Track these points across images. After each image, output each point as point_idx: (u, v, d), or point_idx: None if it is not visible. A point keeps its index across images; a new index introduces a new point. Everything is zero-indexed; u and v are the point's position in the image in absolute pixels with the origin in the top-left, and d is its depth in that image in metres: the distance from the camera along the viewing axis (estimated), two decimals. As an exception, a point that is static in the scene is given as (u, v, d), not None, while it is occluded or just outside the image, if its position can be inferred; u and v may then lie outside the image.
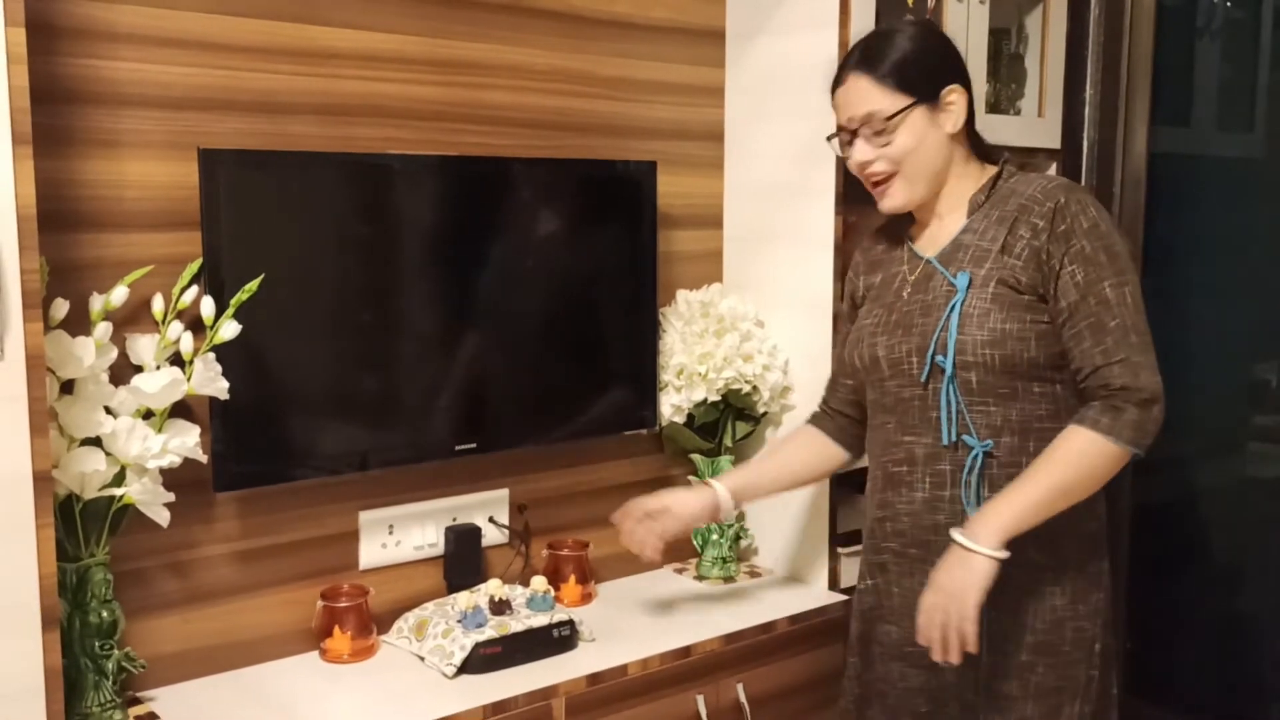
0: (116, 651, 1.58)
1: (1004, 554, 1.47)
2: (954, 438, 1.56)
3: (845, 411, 1.82)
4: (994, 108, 2.31)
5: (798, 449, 1.88)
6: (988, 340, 1.53)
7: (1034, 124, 2.37)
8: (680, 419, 2.17)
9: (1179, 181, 2.55)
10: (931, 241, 1.66)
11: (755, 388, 2.16)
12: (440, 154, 1.92)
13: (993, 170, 1.65)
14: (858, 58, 1.62)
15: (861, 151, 1.62)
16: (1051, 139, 2.40)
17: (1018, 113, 2.37)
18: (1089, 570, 1.60)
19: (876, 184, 1.64)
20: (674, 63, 2.22)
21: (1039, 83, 2.38)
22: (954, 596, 1.47)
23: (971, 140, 1.65)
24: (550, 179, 2.02)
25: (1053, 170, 2.45)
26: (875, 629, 1.69)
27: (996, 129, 2.20)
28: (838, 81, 1.65)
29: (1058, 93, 2.40)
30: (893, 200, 1.64)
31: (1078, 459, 1.49)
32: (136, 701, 1.67)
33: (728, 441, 2.22)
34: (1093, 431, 1.48)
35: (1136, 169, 2.52)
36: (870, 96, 1.59)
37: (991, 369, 1.53)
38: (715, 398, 2.15)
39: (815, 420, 1.88)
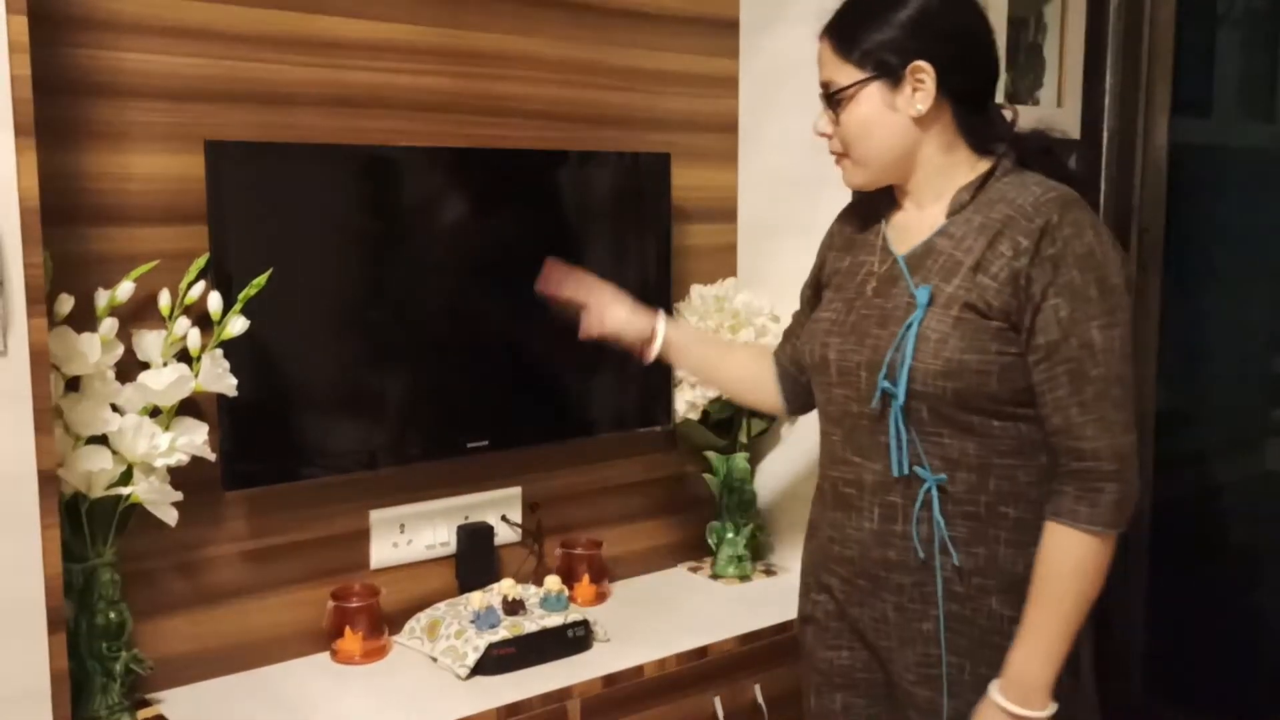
0: (124, 653, 1.57)
1: (1054, 709, 1.34)
2: (905, 470, 1.39)
3: (788, 368, 1.65)
4: (1013, 97, 2.27)
5: (747, 362, 1.73)
6: (941, 371, 1.34)
7: (1053, 114, 2.33)
8: (694, 416, 2.15)
9: (1200, 172, 2.53)
10: (905, 235, 1.47)
11: (771, 383, 2.13)
12: (450, 146, 1.90)
13: (987, 165, 1.43)
14: (831, 18, 1.45)
15: (819, 122, 1.48)
16: (1071, 129, 2.37)
17: (1036, 103, 2.34)
18: None
19: (835, 159, 1.49)
20: (687, 53, 2.20)
21: (1058, 72, 2.34)
22: None
23: (966, 128, 1.43)
24: (562, 171, 2.00)
25: (1070, 162, 2.41)
26: (816, 654, 1.56)
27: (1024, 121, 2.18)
28: (819, 36, 1.48)
29: (1077, 82, 2.37)
30: (847, 179, 1.48)
31: (1076, 570, 1.33)
32: (145, 704, 1.65)
33: (742, 438, 2.19)
34: (1075, 530, 1.32)
35: (1157, 159, 2.50)
36: (827, 63, 1.43)
37: (945, 401, 1.36)
38: (730, 394, 2.12)
39: (775, 356, 1.70)
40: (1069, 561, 1.33)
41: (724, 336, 1.95)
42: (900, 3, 1.39)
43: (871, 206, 1.54)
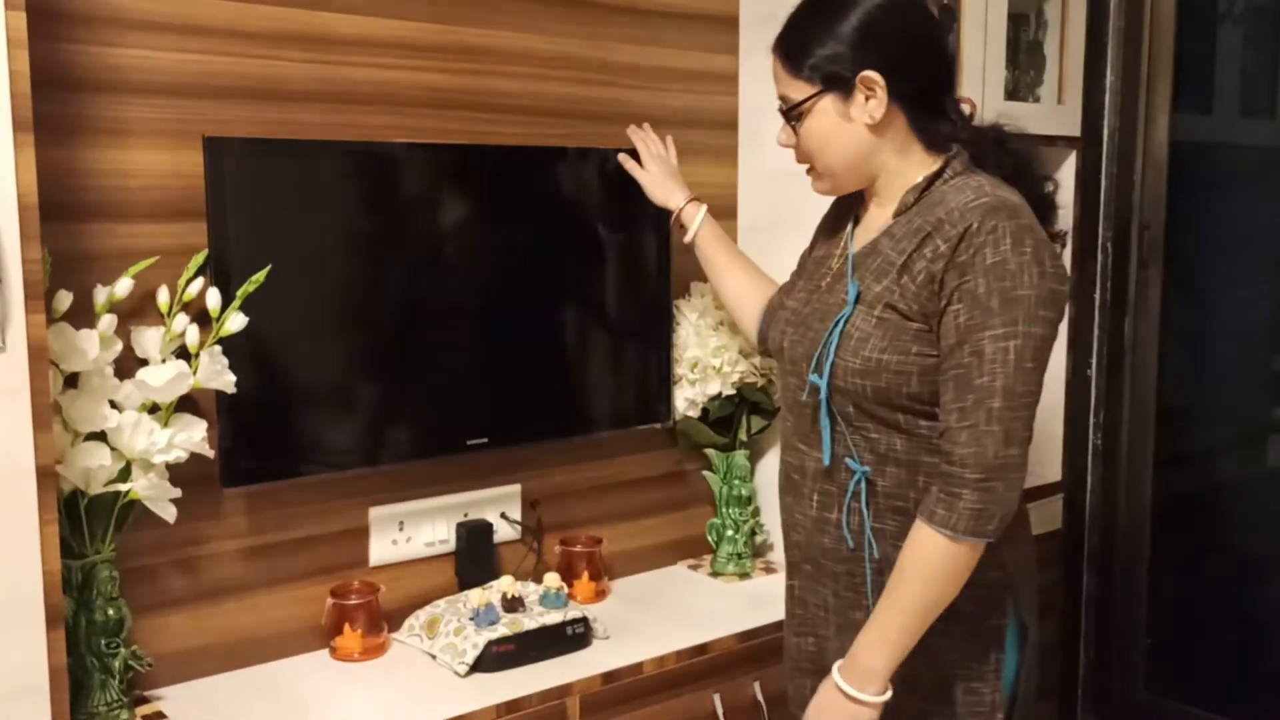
0: (123, 650, 1.56)
1: (888, 696, 1.37)
2: (830, 460, 1.43)
3: (768, 318, 1.68)
4: (1013, 95, 2.27)
5: (740, 291, 1.84)
6: (860, 369, 1.38)
7: (1053, 111, 2.33)
8: (694, 413, 2.14)
9: (1200, 169, 2.52)
10: (864, 232, 1.49)
11: (770, 381, 2.13)
12: (449, 143, 1.89)
13: (937, 166, 1.43)
14: (778, 33, 1.47)
15: (781, 136, 1.50)
16: (1071, 127, 2.37)
17: (1037, 100, 2.33)
18: (987, 625, 1.44)
19: (807, 171, 1.52)
20: (687, 49, 2.19)
21: (1058, 69, 2.34)
22: None
23: (919, 130, 1.43)
24: (562, 168, 1.99)
25: (1071, 159, 2.41)
26: (788, 641, 1.59)
27: (1015, 117, 2.16)
28: (771, 51, 1.50)
29: (1077, 80, 2.36)
30: (815, 188, 1.53)
31: (928, 569, 1.34)
32: (144, 700, 1.65)
33: (742, 436, 2.19)
34: (930, 528, 1.33)
35: (1158, 157, 2.49)
36: (779, 79, 1.46)
37: (865, 398, 1.39)
38: (730, 391, 2.12)
39: (768, 298, 1.74)
40: (920, 558, 1.35)
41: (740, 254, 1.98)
42: (843, 14, 1.40)
43: (851, 201, 1.56)
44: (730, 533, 2.17)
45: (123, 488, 1.52)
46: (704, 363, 2.10)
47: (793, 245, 2.15)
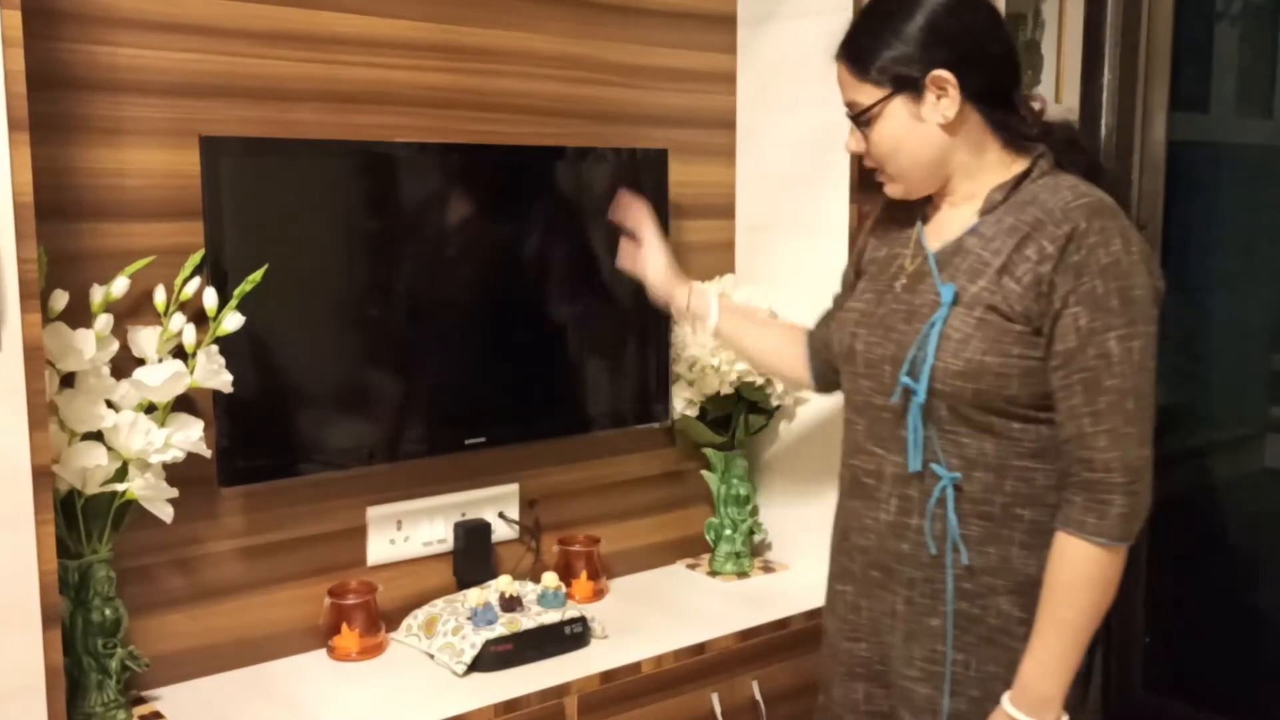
0: (120, 650, 1.55)
1: (1065, 719, 1.36)
2: (919, 466, 1.40)
3: (821, 351, 1.68)
4: (1010, 93, 2.26)
5: (779, 344, 1.76)
6: (961, 371, 1.35)
7: (1051, 110, 2.33)
8: (693, 412, 2.14)
9: (1198, 168, 2.52)
10: (939, 231, 1.47)
11: (769, 380, 2.13)
12: (447, 142, 1.89)
13: (1022, 166, 1.41)
14: (841, 40, 1.46)
15: (850, 142, 1.49)
16: (1069, 125, 2.36)
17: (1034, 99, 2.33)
18: None
19: (876, 175, 1.51)
20: (685, 48, 2.19)
21: (1056, 68, 2.34)
22: None
23: (997, 128, 1.41)
24: (560, 167, 1.99)
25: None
26: (838, 645, 1.57)
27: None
28: (836, 58, 1.49)
29: (1075, 78, 2.36)
30: (890, 192, 1.50)
31: (1088, 582, 1.33)
32: (141, 700, 1.64)
33: (741, 435, 2.18)
34: (1082, 540, 1.32)
35: (1155, 155, 2.49)
36: (847, 85, 1.44)
37: (964, 401, 1.36)
38: (728, 391, 2.11)
39: (809, 335, 1.73)
40: (1076, 572, 1.33)
41: (760, 312, 1.93)
42: (908, 15, 1.39)
43: (912, 200, 1.53)
44: (728, 532, 2.17)
45: (119, 488, 1.52)
46: (702, 362, 2.10)
47: (790, 244, 2.17)
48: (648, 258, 1.80)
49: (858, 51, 1.43)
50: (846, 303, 1.57)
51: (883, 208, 1.60)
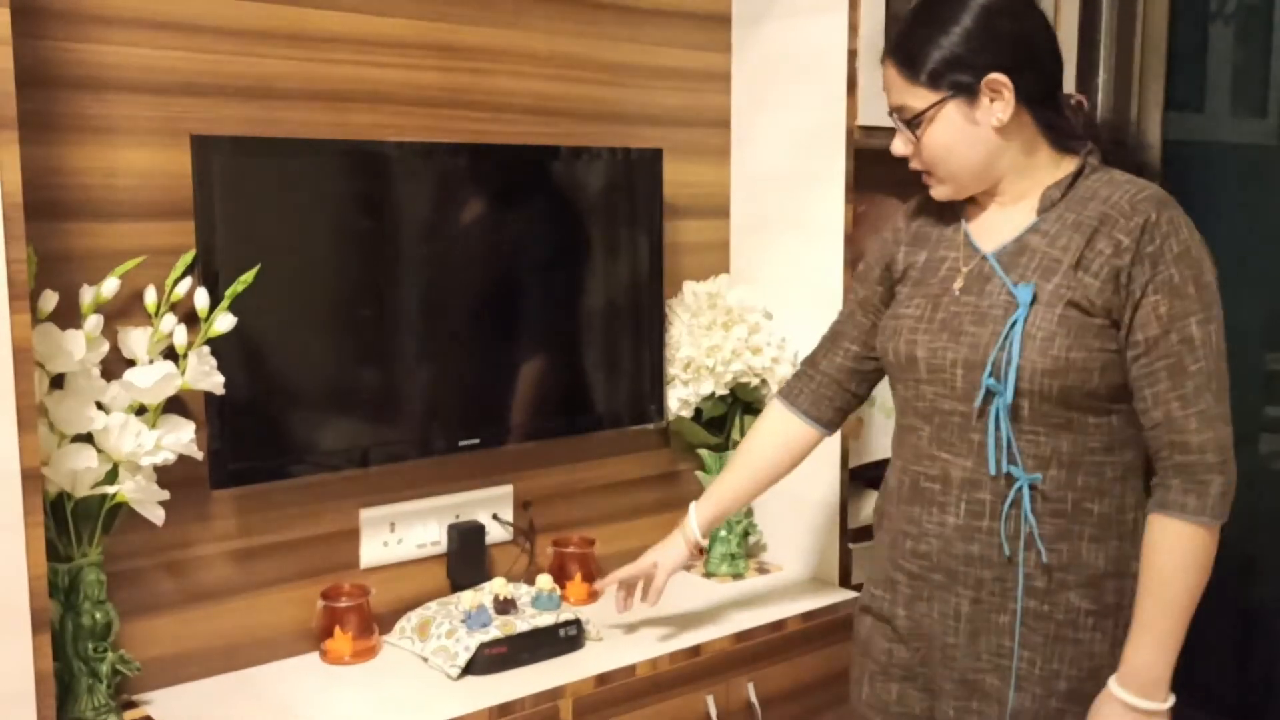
0: (110, 654, 1.54)
1: (1173, 700, 1.38)
2: (1002, 469, 1.40)
3: (837, 377, 1.65)
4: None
5: (768, 447, 1.72)
6: (1050, 369, 1.36)
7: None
8: (687, 413, 2.13)
9: (1192, 168, 2.52)
10: (990, 232, 1.46)
11: (764, 381, 2.12)
12: (440, 141, 1.88)
13: (1072, 164, 1.43)
14: (892, 43, 1.46)
15: (897, 145, 1.48)
16: (1064, 125, 2.36)
17: (1029, 98, 2.32)
18: (1129, 616, 1.43)
19: (921, 176, 1.50)
20: (679, 48, 2.18)
21: (1051, 67, 2.33)
22: None
23: (1047, 129, 1.43)
24: (553, 167, 1.98)
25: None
26: (874, 644, 1.57)
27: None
28: (882, 60, 1.48)
29: (1070, 77, 2.35)
30: (935, 194, 1.49)
31: (1192, 562, 1.35)
32: (132, 705, 1.63)
33: (735, 436, 2.17)
34: (1184, 523, 1.34)
35: (1150, 156, 2.48)
36: (898, 89, 1.44)
37: (1048, 399, 1.37)
38: (723, 391, 2.11)
39: (788, 395, 1.70)
40: (1179, 554, 1.35)
41: (732, 459, 1.80)
42: (960, 18, 1.39)
43: (946, 203, 1.53)
44: (723, 533, 2.16)
45: (110, 490, 1.50)
46: (697, 362, 2.09)
47: (785, 244, 2.16)
48: (658, 580, 1.78)
49: (909, 55, 1.42)
50: (895, 310, 1.53)
51: (905, 217, 1.60)
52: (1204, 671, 2.57)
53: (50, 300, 1.50)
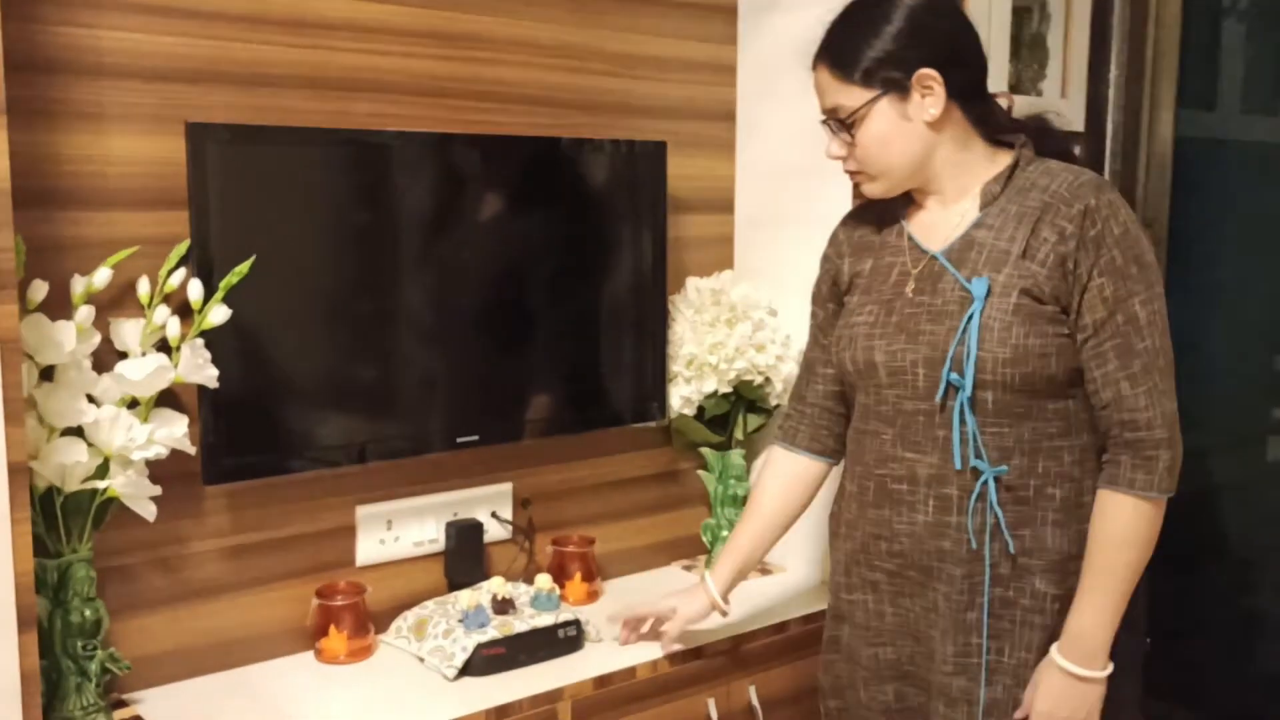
0: (100, 652, 1.52)
1: (1110, 668, 1.43)
2: (968, 463, 1.43)
3: (826, 405, 1.66)
4: (1015, 88, 2.24)
5: (775, 491, 1.71)
6: (1010, 358, 1.39)
7: (1056, 105, 2.30)
8: (690, 411, 2.11)
9: (1203, 165, 2.50)
10: (935, 232, 1.50)
11: (768, 379, 2.09)
12: (440, 132, 1.85)
13: (1007, 157, 1.47)
14: (821, 45, 1.48)
15: (831, 147, 1.51)
16: (1074, 121, 2.34)
17: (1039, 94, 2.30)
18: None
19: (851, 176, 1.54)
20: (684, 39, 2.15)
21: (1062, 63, 2.32)
22: None
23: (979, 122, 1.47)
24: (555, 159, 1.95)
25: (1075, 153, 2.38)
26: (860, 650, 1.58)
27: (1018, 111, 2.14)
28: (813, 66, 1.50)
29: (1081, 73, 2.34)
30: (867, 192, 1.52)
31: (1137, 537, 1.39)
32: (121, 704, 1.60)
33: (738, 434, 2.15)
34: (1131, 496, 1.38)
35: (1162, 152, 2.46)
36: (831, 91, 1.46)
37: (1010, 388, 1.41)
38: (726, 389, 2.08)
39: (786, 437, 1.70)
40: (1126, 527, 1.40)
41: (744, 514, 1.77)
42: (888, 17, 1.43)
43: (883, 208, 1.57)
44: (725, 533, 2.13)
45: (100, 485, 1.48)
46: (700, 359, 2.06)
47: (790, 239, 2.13)
48: (677, 627, 1.74)
49: (840, 55, 1.45)
50: (847, 320, 1.56)
51: (843, 228, 1.64)
52: (1211, 678, 2.56)
53: (40, 290, 1.47)
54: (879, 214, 1.58)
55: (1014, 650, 1.45)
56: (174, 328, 1.55)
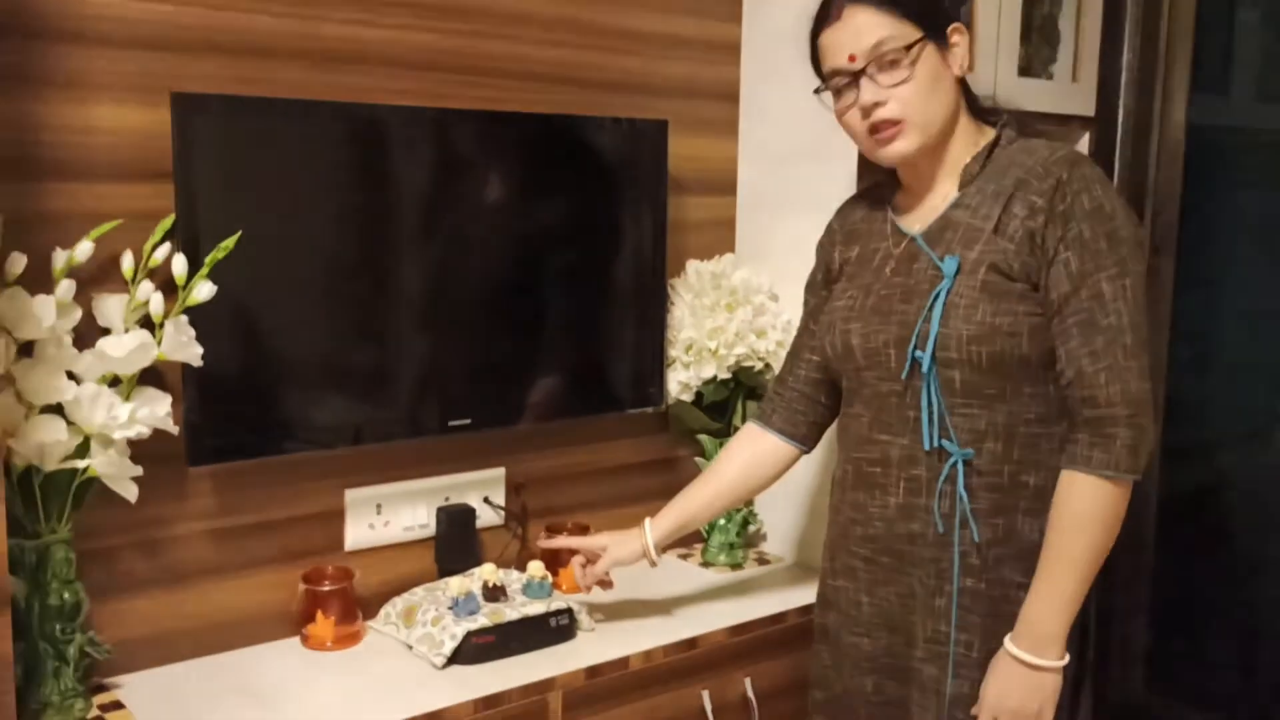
0: (79, 636, 1.49)
1: (1068, 659, 1.38)
2: (936, 443, 1.41)
3: (805, 391, 1.65)
4: (1026, 71, 2.19)
5: (738, 462, 1.71)
6: (974, 335, 1.37)
7: (1067, 89, 2.26)
8: (688, 397, 2.08)
9: (1217, 154, 2.46)
10: (915, 215, 1.49)
11: (768, 365, 2.06)
12: (435, 106, 1.81)
13: (990, 135, 1.46)
14: None
15: (870, 92, 1.39)
16: (1085, 106, 2.30)
17: (1050, 77, 2.26)
18: None
19: (879, 131, 1.42)
20: (687, 16, 2.11)
21: (1073, 46, 2.27)
22: (1033, 718, 1.38)
23: (967, 95, 1.48)
24: (553, 137, 1.91)
25: (1085, 140, 2.34)
26: (843, 637, 1.58)
27: (1028, 94, 2.10)
28: (828, 19, 1.43)
29: (1093, 57, 2.30)
30: (899, 147, 1.42)
31: (1095, 518, 1.35)
32: (101, 689, 1.57)
33: (737, 422, 2.11)
34: (1089, 475, 1.34)
35: (1174, 140, 2.42)
36: (878, 25, 1.38)
37: (978, 367, 1.38)
38: (725, 375, 2.05)
39: (762, 415, 1.70)
40: (1083, 509, 1.35)
41: (705, 470, 1.80)
42: None
43: (872, 197, 1.58)
44: (722, 522, 2.10)
45: (80, 464, 1.45)
46: (699, 344, 2.03)
47: (793, 222, 2.09)
48: (603, 565, 1.74)
49: None
50: (829, 305, 1.56)
51: (836, 219, 1.64)
52: (1214, 670, 2.54)
53: (18, 263, 1.43)
54: (868, 203, 1.59)
55: (984, 643, 1.43)
56: (158, 304, 1.51)
